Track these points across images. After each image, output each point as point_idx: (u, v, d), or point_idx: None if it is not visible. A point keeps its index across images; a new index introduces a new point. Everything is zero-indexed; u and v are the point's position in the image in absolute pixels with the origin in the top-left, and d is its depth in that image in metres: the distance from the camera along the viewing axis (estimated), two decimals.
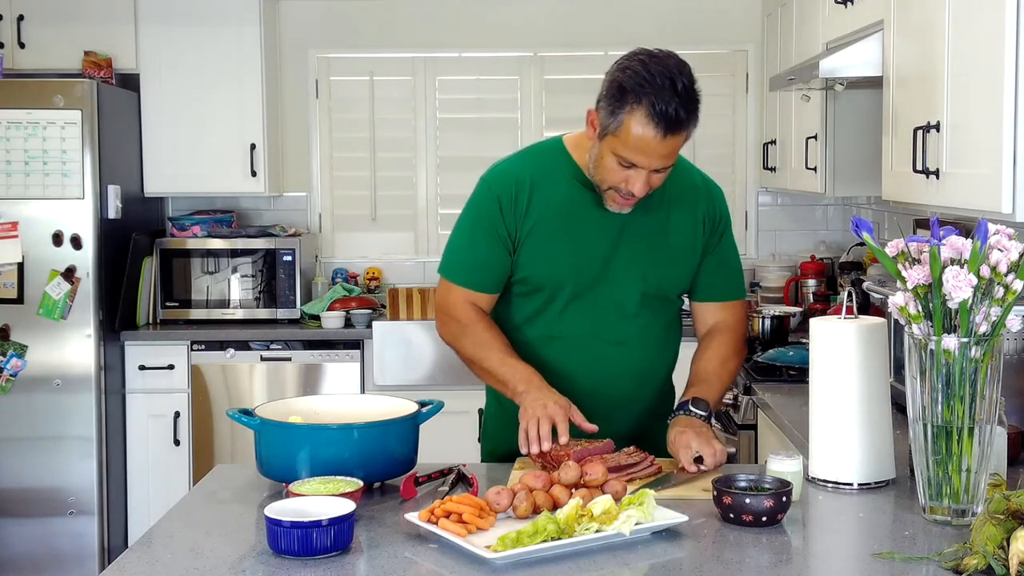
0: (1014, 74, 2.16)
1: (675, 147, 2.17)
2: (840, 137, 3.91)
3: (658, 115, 2.10)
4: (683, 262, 2.38)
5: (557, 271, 2.32)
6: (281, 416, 2.18)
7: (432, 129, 5.26)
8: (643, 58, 2.16)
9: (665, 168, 2.19)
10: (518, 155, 2.43)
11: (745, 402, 3.41)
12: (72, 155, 4.40)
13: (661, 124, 2.10)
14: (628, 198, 2.23)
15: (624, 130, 2.13)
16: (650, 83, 2.11)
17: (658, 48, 2.20)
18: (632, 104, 2.12)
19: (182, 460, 4.69)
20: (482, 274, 2.37)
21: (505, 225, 2.32)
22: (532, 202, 2.32)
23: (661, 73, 2.12)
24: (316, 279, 5.11)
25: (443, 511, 1.84)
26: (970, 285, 1.81)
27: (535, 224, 2.32)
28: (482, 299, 2.38)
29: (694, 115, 2.15)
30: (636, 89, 2.12)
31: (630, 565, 1.75)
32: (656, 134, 2.11)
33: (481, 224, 2.35)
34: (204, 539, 1.88)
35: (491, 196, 2.34)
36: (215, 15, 4.86)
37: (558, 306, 2.35)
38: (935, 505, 1.91)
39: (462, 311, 2.37)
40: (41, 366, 4.43)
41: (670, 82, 2.11)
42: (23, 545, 4.45)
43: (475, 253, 2.37)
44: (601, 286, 2.33)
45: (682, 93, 2.11)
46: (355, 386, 4.67)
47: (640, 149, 2.14)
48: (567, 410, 2.19)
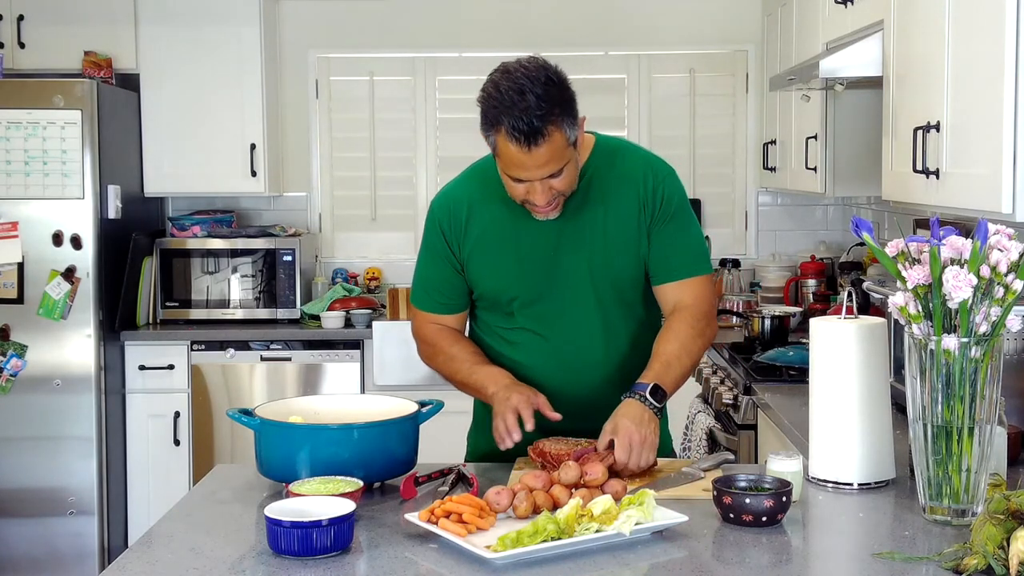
0: (1014, 74, 2.17)
1: (551, 154, 2.13)
2: (840, 137, 3.91)
3: (516, 132, 2.10)
4: (627, 251, 2.34)
5: (504, 283, 2.36)
6: (281, 416, 2.18)
7: (432, 129, 5.26)
8: (495, 77, 2.15)
9: (554, 174, 2.18)
10: (460, 176, 2.47)
11: (745, 402, 3.41)
12: (72, 155, 4.40)
13: (522, 139, 2.10)
14: (544, 207, 2.24)
15: (500, 152, 2.17)
16: (501, 103, 2.11)
17: (528, 56, 2.18)
18: (494, 127, 2.14)
19: (182, 460, 4.69)
20: (437, 296, 2.44)
21: (448, 247, 2.39)
22: (471, 221, 2.36)
23: (510, 89, 2.10)
24: (316, 279, 5.11)
25: (443, 511, 1.84)
26: (970, 285, 1.81)
27: (476, 242, 2.36)
28: (447, 320, 2.45)
29: (552, 116, 2.10)
30: (491, 112, 2.13)
31: (630, 565, 1.75)
32: (520, 150, 2.12)
33: (430, 249, 2.43)
34: (204, 539, 1.88)
35: (434, 221, 2.42)
36: (215, 15, 4.86)
37: (517, 317, 2.38)
38: (935, 505, 1.91)
39: (429, 333, 2.46)
40: (41, 366, 4.43)
41: (519, 96, 2.09)
42: (23, 545, 4.45)
43: (429, 277, 2.45)
44: (553, 291, 2.35)
45: (533, 103, 2.08)
46: (355, 386, 4.67)
47: (517, 165, 2.15)
48: (532, 399, 2.24)
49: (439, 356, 2.45)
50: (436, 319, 2.45)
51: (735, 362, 3.74)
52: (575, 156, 2.21)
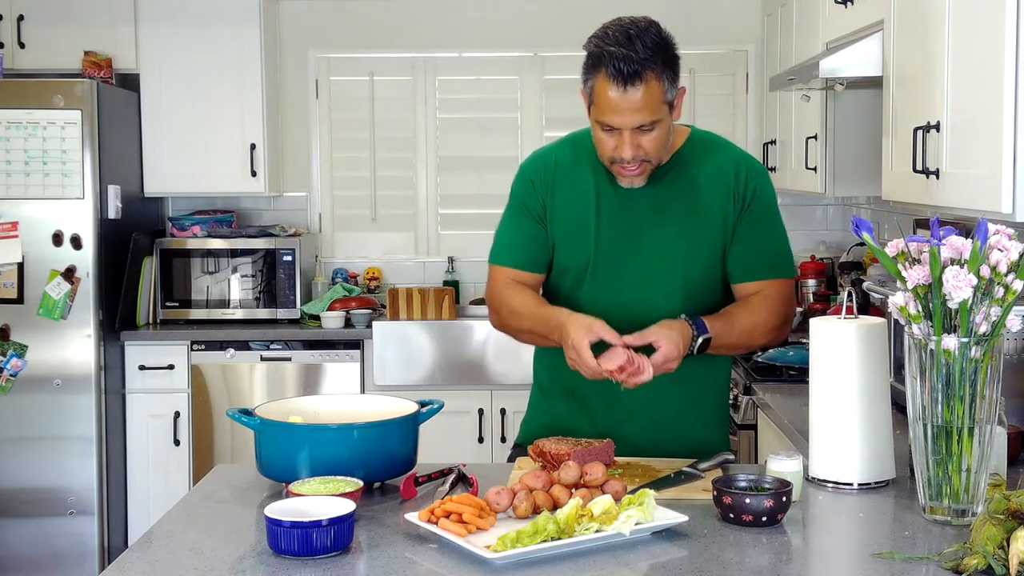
0: (1014, 74, 2.16)
1: (647, 101, 2.14)
2: (840, 137, 3.91)
3: (616, 71, 2.12)
4: (710, 237, 2.31)
5: (582, 250, 2.33)
6: (281, 416, 2.18)
7: (432, 129, 5.26)
8: (607, 23, 2.20)
9: (644, 126, 2.17)
10: (554, 143, 2.47)
11: (745, 402, 3.41)
12: (72, 155, 4.40)
13: (619, 78, 2.12)
14: (628, 168, 2.22)
15: (596, 95, 2.18)
16: (606, 43, 2.14)
17: (643, 16, 2.21)
18: (595, 68, 2.16)
19: (182, 460, 4.69)
20: (520, 251, 2.40)
21: (537, 201, 2.37)
22: (557, 182, 2.36)
23: (618, 31, 2.15)
24: (316, 279, 5.11)
25: (443, 511, 1.84)
26: (970, 285, 1.81)
27: (561, 204, 2.35)
28: (525, 277, 2.39)
29: (654, 64, 2.13)
30: (595, 52, 2.16)
31: (630, 565, 1.75)
32: (617, 89, 2.13)
33: (516, 206, 2.41)
34: (204, 539, 1.88)
35: (524, 176, 2.41)
36: (215, 15, 4.86)
37: (586, 287, 2.34)
38: (935, 505, 1.91)
39: (501, 290, 2.40)
40: (41, 366, 4.43)
41: (625, 38, 2.13)
42: (23, 545, 4.45)
43: (513, 233, 2.41)
44: (629, 265, 2.31)
45: (639, 48, 2.12)
46: (355, 386, 4.68)
47: (611, 109, 2.15)
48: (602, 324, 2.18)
49: (503, 309, 2.38)
50: (515, 275, 2.39)
51: (735, 362, 3.74)
52: (669, 120, 2.21)
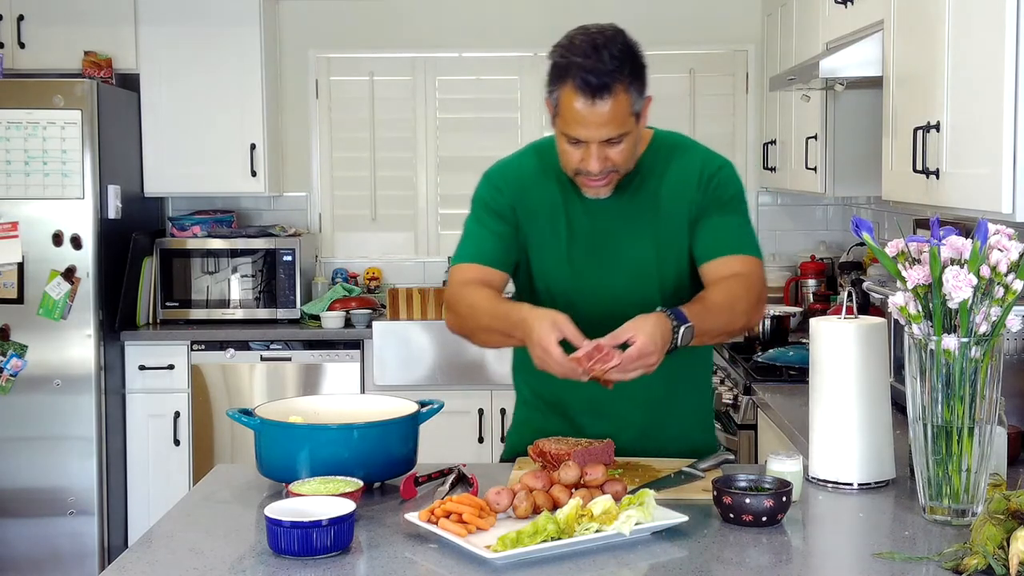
0: (1014, 74, 2.16)
1: (614, 113, 2.10)
2: (840, 137, 3.91)
3: (584, 84, 2.07)
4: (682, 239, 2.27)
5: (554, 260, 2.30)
6: (281, 416, 2.17)
7: (432, 129, 5.26)
8: (572, 33, 2.16)
9: (613, 139, 2.13)
10: (517, 152, 2.44)
11: (745, 402, 3.41)
12: (72, 155, 4.40)
13: (587, 91, 2.07)
14: (594, 180, 2.18)
15: (562, 107, 2.13)
16: (573, 54, 2.10)
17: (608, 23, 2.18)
18: (561, 79, 2.12)
19: (182, 460, 4.69)
20: (482, 247, 2.30)
21: (506, 205, 2.31)
22: (526, 190, 2.31)
23: (584, 43, 2.11)
24: (316, 279, 5.11)
25: (443, 511, 1.84)
26: (970, 285, 1.81)
27: (531, 214, 2.31)
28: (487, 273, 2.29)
29: (621, 76, 2.08)
30: (560, 63, 2.12)
31: (630, 565, 1.75)
32: (585, 102, 2.08)
33: (481, 207, 2.34)
34: (204, 539, 1.88)
35: (491, 184, 2.35)
36: (215, 15, 4.86)
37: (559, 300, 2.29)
38: (935, 505, 1.91)
39: (459, 288, 2.29)
40: (41, 366, 4.43)
41: (592, 48, 2.09)
42: (23, 545, 4.45)
43: (477, 231, 2.33)
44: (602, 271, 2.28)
45: (606, 59, 2.07)
46: (355, 386, 4.67)
47: (578, 121, 2.11)
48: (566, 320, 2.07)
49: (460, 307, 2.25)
50: (477, 272, 2.27)
51: (735, 362, 3.74)
52: (636, 132, 2.17)
